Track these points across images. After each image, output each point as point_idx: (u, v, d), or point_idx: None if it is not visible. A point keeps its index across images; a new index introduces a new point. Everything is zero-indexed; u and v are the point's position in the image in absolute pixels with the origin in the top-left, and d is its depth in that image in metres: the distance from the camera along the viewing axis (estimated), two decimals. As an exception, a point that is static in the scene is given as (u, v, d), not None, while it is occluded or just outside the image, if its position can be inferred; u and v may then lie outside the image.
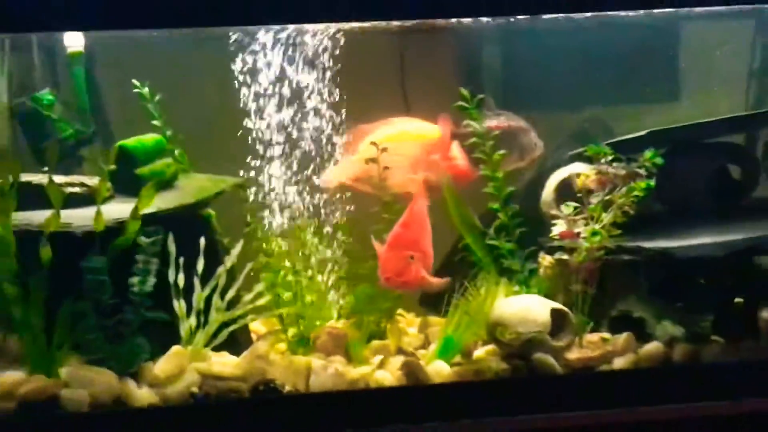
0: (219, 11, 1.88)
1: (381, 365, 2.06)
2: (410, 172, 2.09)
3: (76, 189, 2.07)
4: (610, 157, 2.13)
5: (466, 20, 2.12)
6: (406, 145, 2.10)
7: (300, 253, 2.16)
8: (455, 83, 2.22)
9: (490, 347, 2.09)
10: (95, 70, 2.30)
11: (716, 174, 2.26)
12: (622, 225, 2.11)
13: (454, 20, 2.11)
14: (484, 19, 2.13)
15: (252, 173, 2.17)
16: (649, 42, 2.47)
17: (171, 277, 2.00)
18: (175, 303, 2.01)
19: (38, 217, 1.92)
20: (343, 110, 2.18)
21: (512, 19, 2.11)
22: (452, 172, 2.10)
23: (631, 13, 2.08)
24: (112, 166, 2.14)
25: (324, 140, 2.16)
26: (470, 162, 2.13)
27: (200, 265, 2.04)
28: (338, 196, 2.17)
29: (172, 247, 2.01)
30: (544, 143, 2.35)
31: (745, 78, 2.52)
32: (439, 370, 2.03)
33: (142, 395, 1.92)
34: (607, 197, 2.12)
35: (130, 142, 2.16)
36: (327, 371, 2.00)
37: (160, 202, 2.05)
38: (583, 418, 1.99)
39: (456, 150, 2.10)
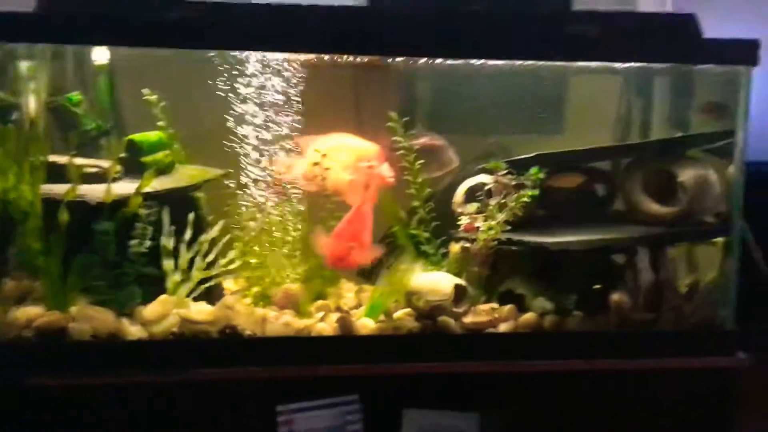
0: (212, 37, 1.88)
1: (322, 319, 2.07)
2: (343, 175, 2.08)
3: (94, 170, 2.05)
4: (505, 171, 2.16)
5: (407, 61, 2.11)
6: (343, 154, 2.09)
7: (266, 231, 2.14)
8: (394, 109, 2.21)
9: (407, 310, 2.10)
10: (116, 79, 2.27)
11: (585, 189, 2.29)
12: (511, 223, 2.14)
13: (398, 60, 2.10)
14: (420, 62, 2.12)
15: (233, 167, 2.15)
16: (544, 87, 2.50)
17: (162, 242, 1.99)
18: (165, 262, 2.00)
19: (61, 188, 1.90)
20: (305, 125, 2.16)
21: (442, 62, 2.11)
22: (375, 178, 2.08)
23: (529, 63, 2.10)
24: (123, 154, 2.12)
25: (286, 146, 2.15)
26: (393, 170, 2.11)
27: (187, 234, 2.03)
28: (293, 189, 2.15)
29: (165, 219, 1.99)
30: (459, 158, 2.38)
31: (613, 119, 2.55)
32: (366, 324, 2.05)
33: (134, 331, 1.91)
34: (501, 201, 2.15)
35: (138, 136, 2.15)
36: (279, 321, 2.00)
37: (158, 184, 2.05)
38: (474, 366, 2.02)
39: (381, 160, 2.08)
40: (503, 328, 2.09)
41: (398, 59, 2.10)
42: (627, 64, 2.20)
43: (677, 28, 2.11)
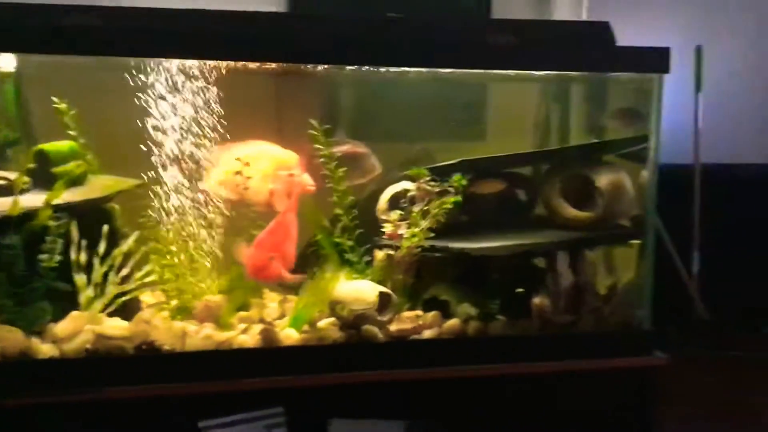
0: (128, 43, 1.82)
1: (244, 331, 2.02)
2: (263, 183, 2.04)
3: (1, 182, 1.95)
4: (427, 178, 2.16)
5: (328, 69, 2.10)
6: (262, 162, 2.05)
7: (183, 241, 2.08)
8: (315, 117, 2.19)
9: (331, 319, 2.08)
10: (23, 87, 2.17)
11: (506, 195, 2.31)
12: (435, 229, 2.14)
13: (320, 68, 2.08)
14: (341, 69, 2.11)
15: (150, 176, 2.08)
16: (467, 94, 2.53)
17: (73, 256, 1.91)
18: (76, 276, 1.92)
19: (-36, 202, 1.81)
20: (225, 132, 2.11)
21: (363, 69, 2.10)
22: (296, 186, 2.05)
23: (456, 71, 2.11)
24: (31, 165, 2.03)
25: (204, 155, 2.09)
26: (312, 178, 2.08)
27: (101, 248, 1.95)
28: (215, 198, 2.10)
29: (75, 232, 1.91)
30: (383, 165, 2.36)
31: (533, 126, 2.60)
32: (289, 335, 2.01)
33: (45, 349, 1.83)
34: (424, 208, 2.15)
35: (48, 146, 2.06)
36: (199, 335, 1.95)
37: (70, 196, 1.97)
38: (399, 374, 2.01)
39: (299, 169, 2.06)
40: (428, 334, 2.09)
41: (319, 66, 2.08)
42: (544, 72, 2.23)
43: (592, 36, 2.17)
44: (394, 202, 2.23)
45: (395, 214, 2.17)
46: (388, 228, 2.18)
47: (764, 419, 2.55)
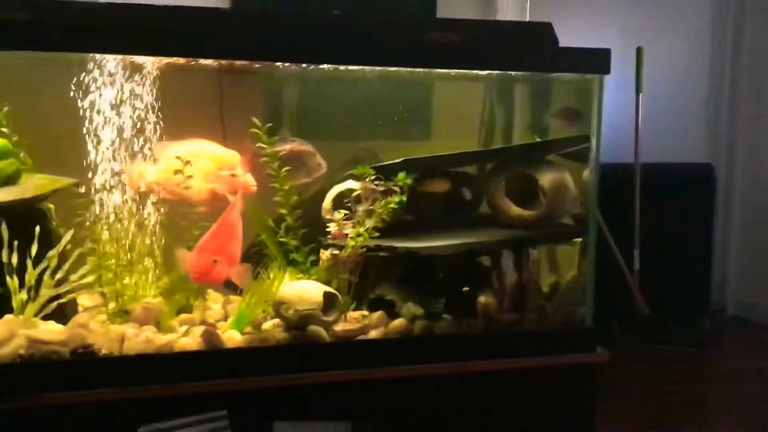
0: (71, 38, 1.76)
1: (186, 333, 1.97)
2: (203, 183, 2.01)
3: (-74, 181, 1.87)
4: (373, 177, 2.15)
5: (273, 66, 2.06)
6: (202, 160, 2.01)
7: (121, 241, 2.03)
8: (259, 115, 2.15)
9: (276, 321, 2.05)
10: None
11: (451, 194, 2.32)
12: (380, 229, 2.13)
13: (263, 64, 2.05)
14: (286, 67, 2.08)
15: (87, 175, 2.02)
16: (412, 93, 2.53)
17: (4, 258, 1.83)
18: (8, 279, 1.85)
19: None
20: (164, 130, 2.06)
21: (307, 68, 2.08)
22: (236, 185, 2.02)
23: (400, 70, 2.10)
24: (-40, 164, 1.94)
25: (143, 152, 2.04)
26: (252, 178, 2.05)
27: (34, 249, 1.88)
28: (152, 197, 2.05)
29: (4, 233, 1.84)
30: (328, 164, 2.34)
31: (477, 125, 2.61)
32: (232, 337, 1.97)
33: (-25, 355, 1.75)
34: (369, 207, 2.14)
35: (-22, 143, 1.97)
36: (138, 338, 1.89)
37: (2, 195, 1.89)
38: (345, 375, 1.99)
39: (240, 168, 2.02)
40: (374, 334, 2.07)
41: (262, 63, 2.04)
42: (488, 72, 2.24)
43: (535, 36, 2.18)
44: (339, 202, 2.22)
45: (340, 214, 2.16)
46: (333, 227, 2.16)
47: (701, 408, 2.63)
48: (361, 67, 2.08)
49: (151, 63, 2.01)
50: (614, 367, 2.91)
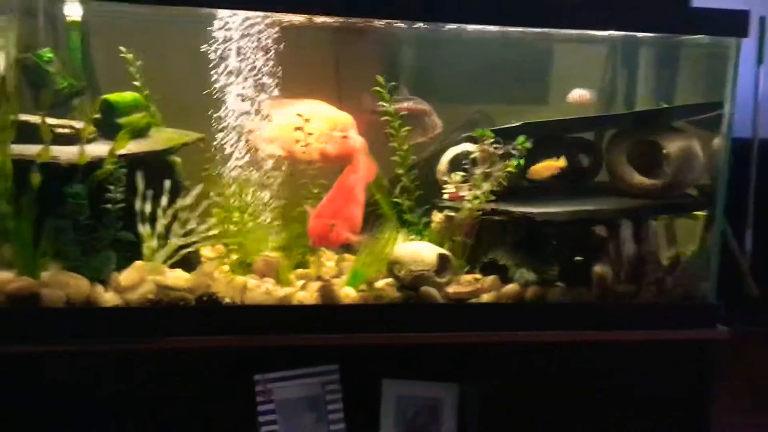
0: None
1: (303, 287, 2.02)
2: (315, 143, 2.03)
3: (66, 130, 1.96)
4: (491, 140, 2.11)
5: (392, 25, 2.04)
6: (316, 121, 2.03)
7: (245, 196, 2.08)
8: (379, 74, 2.15)
9: (389, 280, 2.06)
10: (90, 36, 2.17)
11: (570, 160, 2.25)
12: (496, 192, 2.10)
13: (382, 23, 2.03)
14: (405, 26, 2.06)
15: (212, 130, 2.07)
16: (529, 57, 2.46)
17: (138, 207, 1.92)
18: (140, 227, 1.93)
19: (32, 149, 1.82)
20: (283, 89, 2.08)
21: (426, 27, 2.05)
22: (348, 147, 2.02)
23: (521, 30, 2.05)
24: (97, 115, 2.02)
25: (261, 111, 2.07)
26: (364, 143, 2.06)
27: (164, 200, 1.96)
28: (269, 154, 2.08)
29: (140, 183, 1.92)
30: (444, 125, 2.32)
31: (595, 89, 2.51)
32: (348, 293, 2.00)
33: (108, 298, 1.85)
34: (487, 170, 2.11)
35: (113, 96, 2.05)
36: (259, 289, 1.95)
37: (134, 147, 1.97)
38: (455, 337, 1.99)
39: (353, 131, 2.02)
40: (486, 298, 2.06)
41: (380, 22, 2.03)
42: (608, 33, 2.14)
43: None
44: (456, 164, 2.19)
45: (457, 176, 2.14)
46: (449, 189, 2.14)
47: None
48: (480, 26, 2.04)
49: (273, 21, 2.03)
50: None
